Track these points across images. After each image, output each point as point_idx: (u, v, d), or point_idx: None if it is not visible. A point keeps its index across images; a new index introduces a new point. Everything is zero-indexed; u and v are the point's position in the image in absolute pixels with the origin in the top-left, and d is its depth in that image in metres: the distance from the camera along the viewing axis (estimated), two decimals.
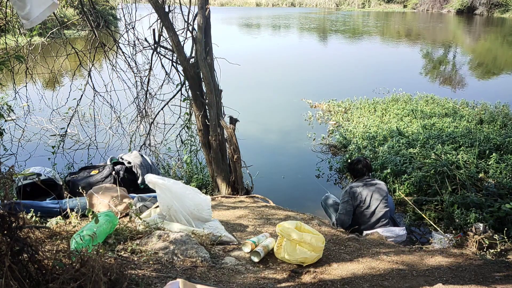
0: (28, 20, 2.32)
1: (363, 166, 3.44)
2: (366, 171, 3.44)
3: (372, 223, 3.26)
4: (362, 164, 3.45)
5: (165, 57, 4.21)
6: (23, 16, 2.31)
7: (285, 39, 19.80)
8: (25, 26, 2.40)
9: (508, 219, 3.28)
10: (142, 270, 1.86)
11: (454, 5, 32.90)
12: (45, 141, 5.07)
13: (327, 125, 6.77)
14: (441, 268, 2.27)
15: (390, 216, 3.43)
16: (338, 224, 3.37)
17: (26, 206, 2.66)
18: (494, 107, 7.07)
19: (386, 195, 3.34)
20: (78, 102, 4.53)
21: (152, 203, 2.96)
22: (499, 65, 13.62)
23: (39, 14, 2.33)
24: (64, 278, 1.35)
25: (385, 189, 3.37)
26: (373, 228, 3.24)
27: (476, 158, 4.46)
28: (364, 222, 3.27)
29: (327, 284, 2.05)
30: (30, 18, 2.32)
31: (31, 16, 2.31)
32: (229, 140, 3.75)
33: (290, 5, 43.71)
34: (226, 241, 2.53)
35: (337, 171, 5.13)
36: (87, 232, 1.99)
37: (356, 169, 3.47)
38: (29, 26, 2.38)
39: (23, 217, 1.31)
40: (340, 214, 3.36)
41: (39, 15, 2.34)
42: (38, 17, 2.35)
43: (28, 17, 2.31)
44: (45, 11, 2.36)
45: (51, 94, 4.70)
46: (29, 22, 2.33)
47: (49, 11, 2.41)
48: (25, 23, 2.35)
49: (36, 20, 2.35)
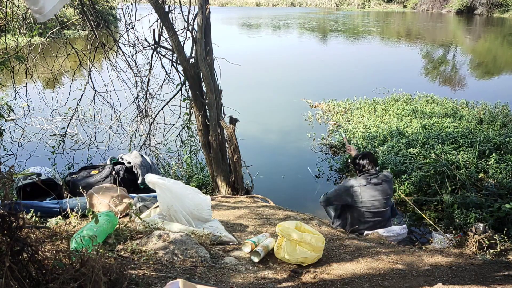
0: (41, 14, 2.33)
1: (369, 161, 3.34)
2: (372, 166, 3.34)
3: (373, 224, 3.25)
4: (368, 159, 3.34)
5: (165, 57, 4.21)
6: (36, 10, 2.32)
7: (285, 39, 19.80)
8: (38, 20, 2.40)
9: (508, 219, 3.28)
10: (142, 270, 1.86)
11: (454, 5, 32.90)
12: (45, 141, 5.07)
13: (327, 125, 6.77)
14: (441, 268, 2.27)
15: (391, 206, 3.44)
16: (321, 200, 3.50)
17: (26, 206, 2.66)
18: (494, 107, 7.07)
19: (390, 194, 3.30)
20: (78, 102, 4.53)
21: (152, 203, 2.96)
22: (499, 65, 13.62)
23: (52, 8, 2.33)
24: (64, 278, 1.35)
25: (390, 186, 3.30)
26: (374, 228, 3.23)
27: (476, 158, 4.46)
28: (365, 222, 3.25)
29: (327, 284, 2.05)
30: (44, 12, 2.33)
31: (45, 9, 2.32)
32: (229, 140, 3.75)
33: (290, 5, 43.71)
34: (226, 241, 2.53)
35: (337, 171, 5.13)
36: (87, 232, 1.99)
37: (361, 164, 3.36)
38: (43, 19, 2.39)
39: (23, 217, 1.31)
40: (329, 197, 3.42)
41: (52, 9, 2.34)
42: (52, 11, 2.36)
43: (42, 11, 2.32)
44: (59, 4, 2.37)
45: (51, 94, 4.70)
46: (42, 16, 2.34)
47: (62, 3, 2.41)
48: (39, 17, 2.36)
49: (50, 14, 2.37)
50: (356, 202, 3.24)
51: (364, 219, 3.26)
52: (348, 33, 21.52)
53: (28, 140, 5.01)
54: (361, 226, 3.27)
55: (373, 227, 3.24)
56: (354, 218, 3.31)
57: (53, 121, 5.31)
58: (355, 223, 3.30)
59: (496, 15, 30.20)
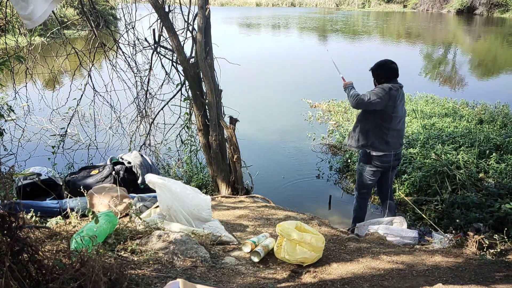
0: (30, 20, 2.31)
1: (397, 68, 3.14)
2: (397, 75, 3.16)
3: (395, 141, 3.17)
4: (396, 65, 3.14)
5: (165, 57, 4.21)
6: (25, 16, 2.29)
7: (285, 39, 19.80)
8: (27, 26, 2.38)
9: (508, 219, 3.28)
10: (142, 270, 1.86)
11: (454, 5, 32.86)
12: (45, 141, 5.07)
13: (327, 125, 6.77)
14: (441, 268, 2.27)
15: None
16: (355, 103, 3.11)
17: (26, 206, 2.66)
18: (494, 107, 7.06)
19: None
20: (78, 102, 4.53)
21: (152, 203, 2.96)
22: (499, 65, 13.62)
23: (41, 14, 2.31)
24: (64, 278, 1.35)
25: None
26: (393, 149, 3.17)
27: (476, 158, 4.46)
28: (390, 136, 3.13)
29: (327, 284, 2.05)
30: (32, 18, 2.30)
31: (34, 15, 2.30)
32: (229, 140, 3.76)
33: (290, 5, 43.68)
34: (226, 241, 2.53)
35: (337, 171, 5.13)
36: (87, 232, 1.99)
37: (393, 69, 3.14)
38: (31, 26, 2.36)
39: (23, 217, 1.31)
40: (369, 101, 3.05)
41: (42, 15, 2.32)
42: (41, 17, 2.33)
43: (30, 17, 2.30)
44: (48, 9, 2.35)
45: (51, 94, 4.70)
46: (31, 22, 2.31)
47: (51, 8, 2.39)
48: (27, 23, 2.34)
49: (39, 20, 2.34)
50: (390, 107, 3.07)
51: (391, 132, 3.13)
52: (348, 33, 21.51)
53: (28, 140, 5.01)
54: (383, 146, 3.16)
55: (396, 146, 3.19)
56: (377, 135, 3.17)
57: (53, 121, 5.31)
58: (376, 142, 3.17)
59: (496, 15, 30.18)
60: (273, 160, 5.60)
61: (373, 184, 3.43)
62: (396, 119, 3.16)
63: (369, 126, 3.20)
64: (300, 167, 5.29)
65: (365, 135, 3.23)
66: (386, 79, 3.16)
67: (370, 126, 3.20)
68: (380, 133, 3.16)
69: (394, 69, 3.18)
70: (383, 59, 3.25)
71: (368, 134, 3.21)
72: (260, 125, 7.04)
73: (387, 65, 3.20)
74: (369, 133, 3.20)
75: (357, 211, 3.56)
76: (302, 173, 5.12)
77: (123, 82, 4.55)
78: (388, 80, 3.15)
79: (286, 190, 4.71)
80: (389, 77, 3.16)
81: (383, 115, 3.13)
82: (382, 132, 3.16)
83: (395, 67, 3.18)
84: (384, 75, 3.18)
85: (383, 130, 3.16)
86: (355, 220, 3.55)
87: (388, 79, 3.15)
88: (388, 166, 3.27)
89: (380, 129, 3.16)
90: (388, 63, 3.20)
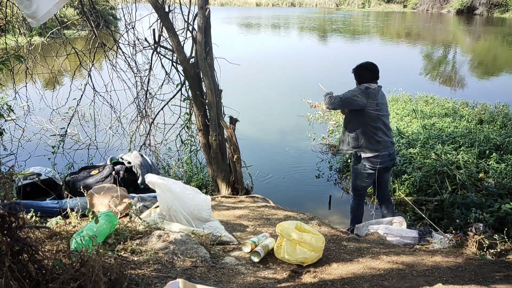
0: (34, 18, 2.31)
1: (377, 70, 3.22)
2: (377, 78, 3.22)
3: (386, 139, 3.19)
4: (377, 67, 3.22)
5: (165, 57, 4.21)
6: (29, 14, 2.30)
7: (285, 38, 19.80)
8: (31, 24, 2.38)
9: (508, 219, 3.28)
10: (142, 270, 1.86)
11: (454, 5, 32.86)
12: (45, 141, 5.07)
13: (327, 125, 6.77)
14: (441, 268, 2.27)
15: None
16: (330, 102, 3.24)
17: (26, 206, 2.66)
18: (494, 107, 7.06)
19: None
20: (78, 102, 4.53)
21: (152, 203, 2.96)
22: (499, 65, 13.62)
23: (45, 13, 2.31)
24: (64, 278, 1.35)
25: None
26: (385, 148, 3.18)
27: (476, 158, 4.46)
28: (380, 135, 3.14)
29: (327, 284, 2.05)
30: (37, 17, 2.31)
31: (38, 14, 2.30)
32: (229, 140, 3.76)
33: (290, 5, 43.69)
34: (226, 241, 2.53)
35: (337, 171, 5.13)
36: (87, 232, 1.99)
37: (372, 70, 3.22)
38: (36, 24, 2.37)
39: (23, 217, 1.31)
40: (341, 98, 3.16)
41: (46, 13, 2.32)
42: (45, 15, 2.33)
43: (35, 15, 2.30)
44: (53, 8, 2.35)
45: (51, 94, 4.70)
46: (35, 20, 2.32)
47: (56, 7, 2.39)
48: (32, 22, 2.34)
49: (43, 18, 2.34)
50: (371, 105, 3.11)
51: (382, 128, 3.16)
52: (348, 33, 21.52)
53: (28, 140, 5.01)
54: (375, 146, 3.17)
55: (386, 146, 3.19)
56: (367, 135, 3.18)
57: (53, 121, 5.31)
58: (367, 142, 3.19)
59: (496, 15, 30.18)
60: (273, 160, 5.60)
61: (368, 185, 3.45)
62: (382, 117, 3.20)
63: (357, 127, 3.23)
64: (300, 167, 5.29)
65: (355, 137, 3.25)
66: (366, 80, 3.23)
67: (357, 127, 3.23)
68: (370, 133, 3.18)
69: (373, 71, 3.25)
70: (364, 61, 3.33)
71: (357, 136, 3.23)
72: (260, 125, 7.03)
73: (366, 66, 3.27)
74: (359, 134, 3.23)
75: (354, 212, 3.57)
76: (302, 173, 5.12)
77: (123, 82, 4.55)
78: (367, 81, 3.22)
79: (286, 190, 4.71)
80: (366, 77, 3.23)
81: (369, 114, 3.16)
82: (371, 131, 3.18)
83: (375, 69, 3.25)
84: (363, 75, 3.26)
85: (372, 130, 3.18)
86: (354, 220, 3.56)
87: (366, 80, 3.23)
88: (383, 167, 3.27)
89: (369, 129, 3.18)
90: (367, 65, 3.28)
